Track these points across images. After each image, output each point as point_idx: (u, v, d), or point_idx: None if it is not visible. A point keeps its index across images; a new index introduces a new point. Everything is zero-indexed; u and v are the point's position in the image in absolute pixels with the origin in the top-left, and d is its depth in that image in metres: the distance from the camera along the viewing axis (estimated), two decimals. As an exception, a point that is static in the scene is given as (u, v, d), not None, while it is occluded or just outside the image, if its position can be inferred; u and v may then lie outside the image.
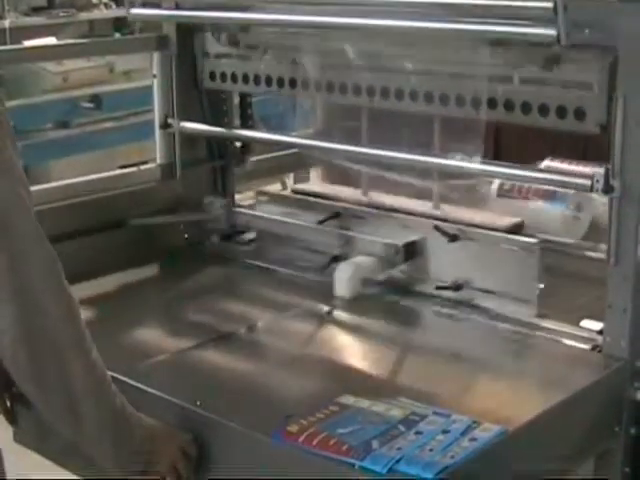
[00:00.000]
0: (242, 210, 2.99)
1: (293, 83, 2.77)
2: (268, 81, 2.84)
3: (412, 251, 2.54)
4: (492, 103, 2.36)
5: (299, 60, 2.74)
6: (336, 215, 2.72)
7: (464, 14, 2.22)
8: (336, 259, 2.63)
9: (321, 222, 2.71)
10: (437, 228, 2.49)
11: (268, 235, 2.85)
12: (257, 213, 2.93)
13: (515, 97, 2.32)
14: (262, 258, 2.84)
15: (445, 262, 2.51)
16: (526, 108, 2.30)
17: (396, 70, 2.54)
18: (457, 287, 2.45)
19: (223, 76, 2.97)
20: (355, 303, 2.53)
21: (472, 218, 2.56)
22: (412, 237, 2.55)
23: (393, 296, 2.56)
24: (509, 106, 2.33)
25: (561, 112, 2.25)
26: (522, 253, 2.38)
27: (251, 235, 2.94)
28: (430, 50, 2.47)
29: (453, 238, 2.46)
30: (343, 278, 2.54)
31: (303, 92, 2.77)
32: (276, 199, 2.97)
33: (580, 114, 2.21)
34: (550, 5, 1.97)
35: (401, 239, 2.54)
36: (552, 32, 2.00)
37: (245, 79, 2.90)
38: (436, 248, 2.51)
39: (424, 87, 2.48)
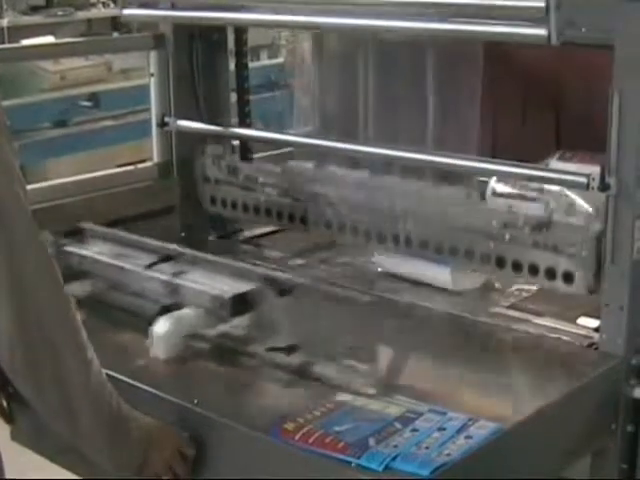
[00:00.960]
0: (71, 249, 2.54)
1: (292, 218, 2.78)
2: (268, 213, 2.84)
3: (243, 304, 2.18)
4: (485, 258, 2.39)
5: (298, 197, 2.75)
6: (167, 259, 2.40)
7: (455, 15, 2.22)
8: (167, 309, 2.25)
9: (149, 266, 2.38)
10: (266, 280, 2.19)
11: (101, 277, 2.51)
12: (86, 253, 2.53)
13: (507, 255, 2.36)
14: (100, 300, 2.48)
15: (280, 318, 2.17)
16: (517, 266, 2.34)
17: (395, 217, 2.54)
18: (291, 349, 2.09)
19: (224, 202, 2.97)
20: (173, 365, 2.14)
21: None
22: (242, 288, 2.20)
23: (219, 358, 2.18)
24: (500, 263, 2.37)
25: (550, 273, 2.28)
26: (360, 309, 2.09)
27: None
28: (430, 205, 2.49)
29: (283, 292, 2.15)
30: (158, 336, 2.15)
31: (302, 226, 2.76)
32: (111, 236, 2.61)
33: (568, 277, 2.25)
34: (542, 5, 1.97)
35: (230, 290, 2.19)
36: (542, 32, 1.99)
37: (245, 208, 2.91)
38: (270, 302, 2.17)
39: (420, 236, 2.50)
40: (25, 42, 5.28)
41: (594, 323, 2.23)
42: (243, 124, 3.13)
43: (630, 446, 2.14)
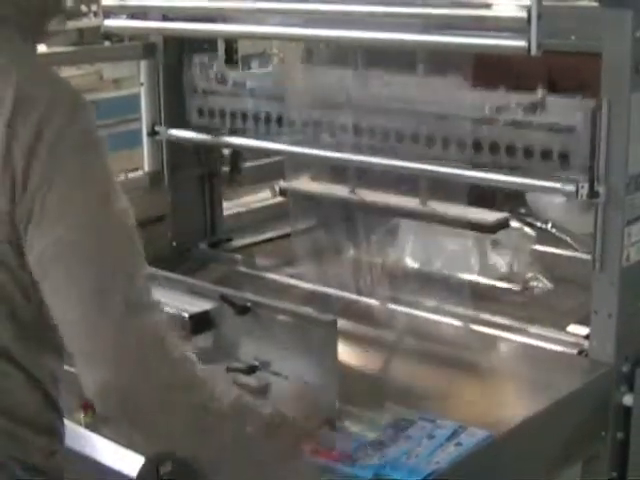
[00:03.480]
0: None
1: (280, 121, 2.76)
2: (256, 119, 2.82)
3: (203, 323, 2.12)
4: (477, 146, 2.35)
5: (286, 99, 2.73)
6: None
7: (437, 26, 2.23)
8: None
9: None
10: (224, 299, 2.11)
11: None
12: None
13: (500, 140, 2.31)
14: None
15: (240, 338, 2.10)
16: (511, 151, 2.30)
17: (383, 110, 2.51)
18: (251, 369, 2.02)
19: (211, 113, 2.95)
20: None
21: (458, 214, 2.56)
22: (203, 307, 2.14)
23: None
24: (494, 149, 2.33)
25: (545, 155, 2.25)
26: (320, 332, 1.94)
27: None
28: (415, 91, 2.46)
29: (242, 310, 2.08)
30: None
31: (290, 130, 2.72)
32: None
33: (564, 157, 2.22)
34: (524, 15, 1.96)
35: (190, 309, 2.13)
36: (522, 43, 1.98)
37: (233, 116, 2.89)
38: (230, 321, 2.11)
39: (410, 128, 2.46)
40: (16, 52, 5.27)
41: (584, 331, 2.23)
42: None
43: (620, 453, 2.14)
